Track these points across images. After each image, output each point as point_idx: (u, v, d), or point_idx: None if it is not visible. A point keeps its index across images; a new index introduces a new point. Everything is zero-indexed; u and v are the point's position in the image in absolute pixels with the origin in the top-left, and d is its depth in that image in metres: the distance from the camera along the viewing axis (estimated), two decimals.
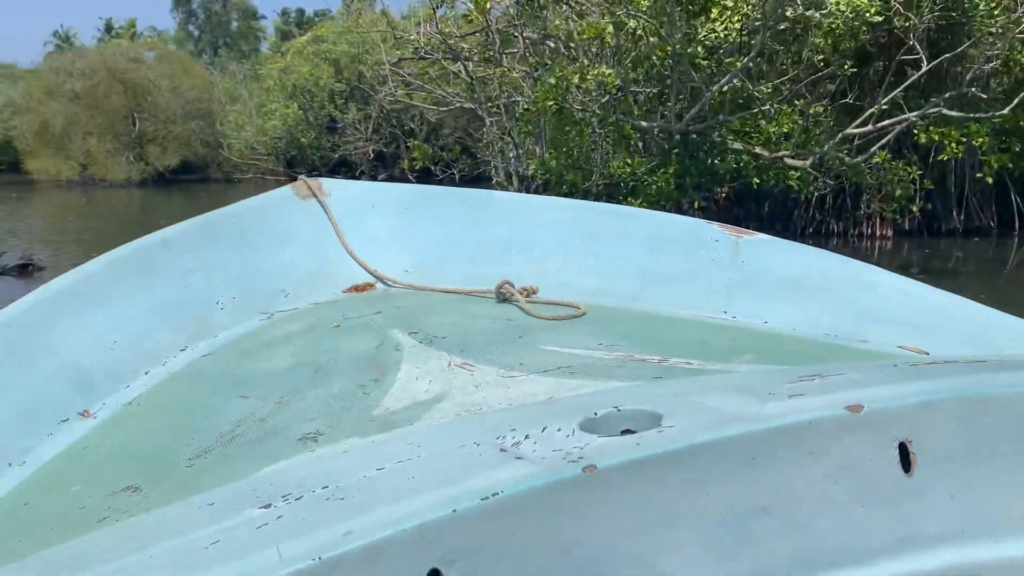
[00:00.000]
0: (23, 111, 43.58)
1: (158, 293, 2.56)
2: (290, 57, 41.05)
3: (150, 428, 2.00)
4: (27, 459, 1.81)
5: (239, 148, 41.55)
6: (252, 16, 65.57)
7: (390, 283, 3.01)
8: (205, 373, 2.32)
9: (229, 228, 2.97)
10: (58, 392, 2.06)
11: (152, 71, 40.90)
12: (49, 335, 2.17)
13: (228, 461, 1.67)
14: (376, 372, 2.07)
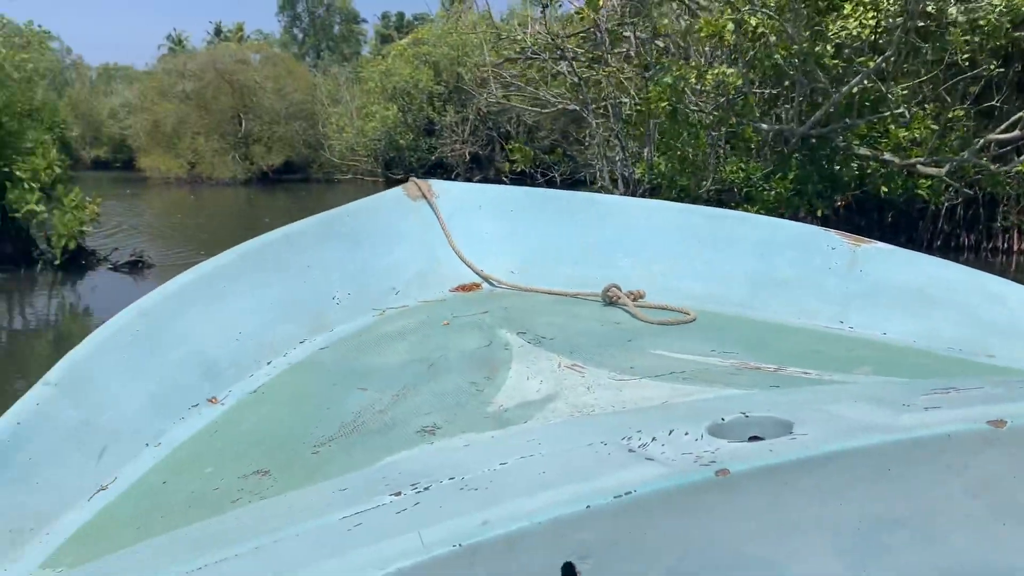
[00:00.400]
0: (137, 111, 45.29)
1: (279, 287, 2.62)
2: (391, 59, 41.38)
3: (275, 415, 2.06)
4: (162, 441, 1.90)
5: (340, 149, 42.20)
6: (354, 20, 66.77)
7: (496, 283, 3.03)
8: (324, 365, 2.37)
9: (345, 227, 3.01)
10: (188, 379, 2.13)
11: (258, 73, 41.88)
12: (180, 325, 2.24)
13: (352, 449, 1.72)
14: (487, 370, 2.11)
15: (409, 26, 61.39)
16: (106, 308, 12.13)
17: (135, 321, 2.16)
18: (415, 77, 39.77)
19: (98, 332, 2.08)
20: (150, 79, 46.33)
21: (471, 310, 2.73)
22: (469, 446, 1.61)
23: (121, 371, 2.01)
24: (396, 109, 39.90)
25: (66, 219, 12.12)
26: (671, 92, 11.59)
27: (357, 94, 43.92)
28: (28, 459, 1.66)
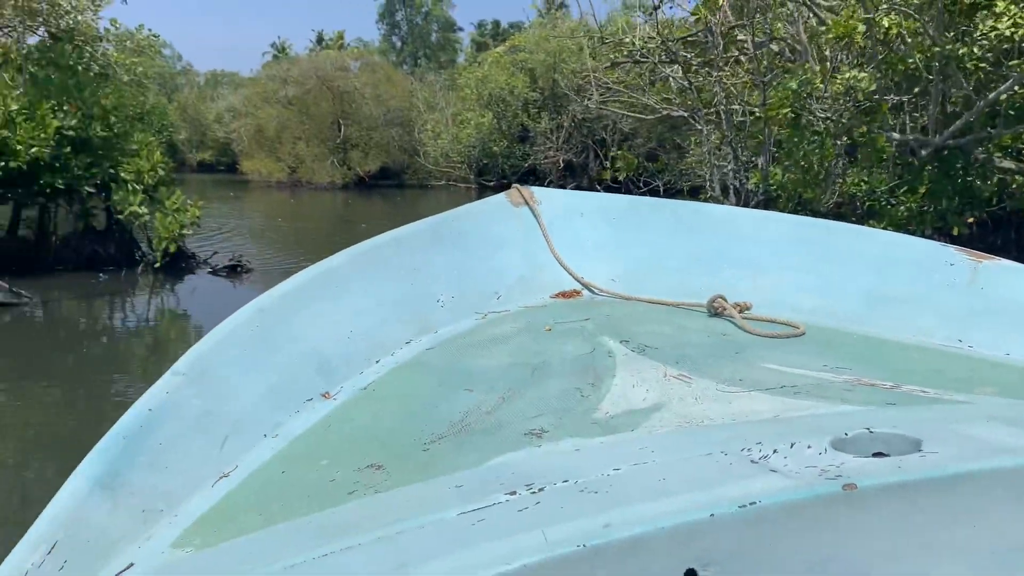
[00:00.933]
0: (242, 115, 46.35)
1: (388, 289, 2.65)
2: (487, 67, 41.13)
3: (385, 412, 2.08)
4: (279, 432, 1.93)
5: (434, 156, 42.19)
6: (450, 28, 67.10)
7: (597, 291, 3.01)
8: (430, 365, 2.39)
9: (450, 231, 3.03)
10: (303, 374, 2.16)
11: (358, 80, 42.23)
12: (296, 323, 2.28)
13: (461, 448, 1.73)
14: (592, 376, 2.10)
15: (505, 34, 61.27)
16: (204, 312, 12.01)
17: (254, 317, 2.20)
18: (511, 84, 39.41)
19: (221, 327, 2.11)
20: (254, 85, 47.38)
21: (572, 317, 2.72)
22: (579, 451, 1.62)
23: (241, 364, 2.06)
24: (491, 116, 39.59)
25: (167, 222, 12.00)
26: (794, 98, 10.68)
27: (453, 101, 43.89)
28: (159, 444, 1.70)
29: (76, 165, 12.17)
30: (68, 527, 1.37)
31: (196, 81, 65.11)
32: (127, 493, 1.55)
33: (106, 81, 16.04)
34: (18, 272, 12.35)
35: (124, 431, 1.67)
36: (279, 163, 40.48)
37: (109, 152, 12.58)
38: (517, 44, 42.29)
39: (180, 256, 13.04)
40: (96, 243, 12.79)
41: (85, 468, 1.54)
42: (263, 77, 47.62)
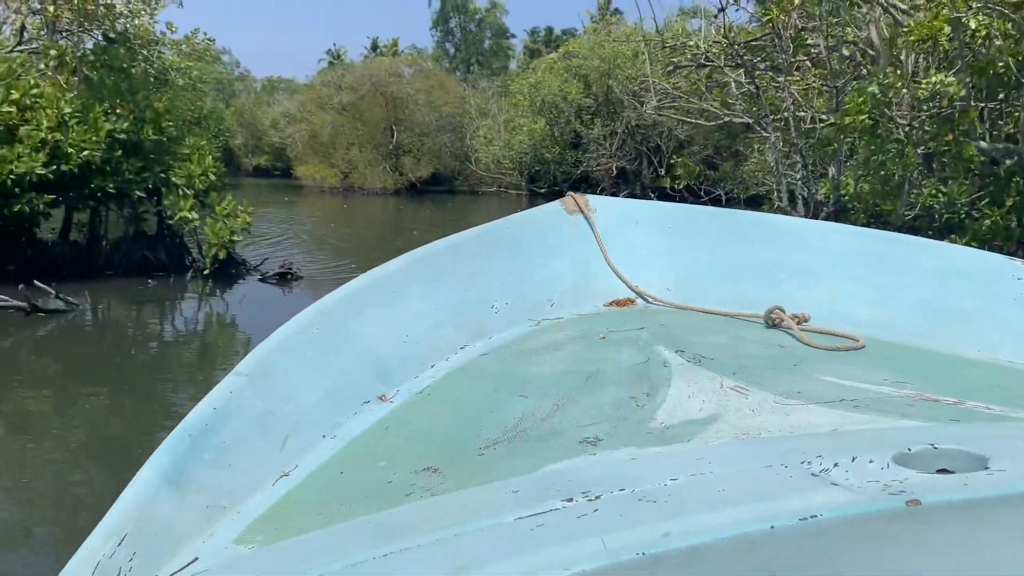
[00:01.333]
0: (296, 121, 46.59)
1: (444, 294, 2.64)
2: (541, 73, 40.63)
3: (442, 416, 2.09)
4: (337, 433, 1.95)
5: (486, 162, 41.84)
6: (503, 35, 66.80)
7: (651, 300, 3.00)
8: (485, 371, 2.39)
9: (505, 238, 3.02)
10: (361, 377, 2.17)
11: (411, 86, 42.07)
12: (354, 326, 2.29)
13: (517, 454, 1.73)
14: (647, 386, 2.08)
15: (558, 40, 60.81)
16: (252, 320, 11.69)
17: (315, 320, 2.20)
18: (564, 90, 38.85)
19: (282, 329, 2.12)
20: (309, 91, 47.61)
21: (626, 325, 2.71)
22: (635, 460, 1.62)
23: (302, 366, 2.07)
24: (544, 122, 39.07)
25: (217, 228, 11.71)
26: (873, 103, 9.94)
27: (505, 107, 43.52)
28: (222, 442, 1.72)
29: (127, 169, 11.95)
30: (137, 520, 1.40)
31: (253, 87, 65.85)
32: (192, 489, 1.57)
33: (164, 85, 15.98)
34: (68, 276, 12.20)
35: (190, 429, 1.69)
36: (332, 168, 40.51)
37: (161, 156, 12.34)
38: (571, 50, 41.72)
39: (230, 262, 12.75)
40: (146, 248, 12.56)
41: (153, 463, 1.56)
42: (318, 83, 47.85)
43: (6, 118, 11.08)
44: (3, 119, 11.06)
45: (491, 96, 47.23)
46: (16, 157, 10.83)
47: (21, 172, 10.79)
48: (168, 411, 7.52)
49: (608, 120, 39.66)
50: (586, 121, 39.53)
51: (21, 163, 10.80)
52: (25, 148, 10.96)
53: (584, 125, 39.51)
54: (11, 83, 11.21)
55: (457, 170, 44.01)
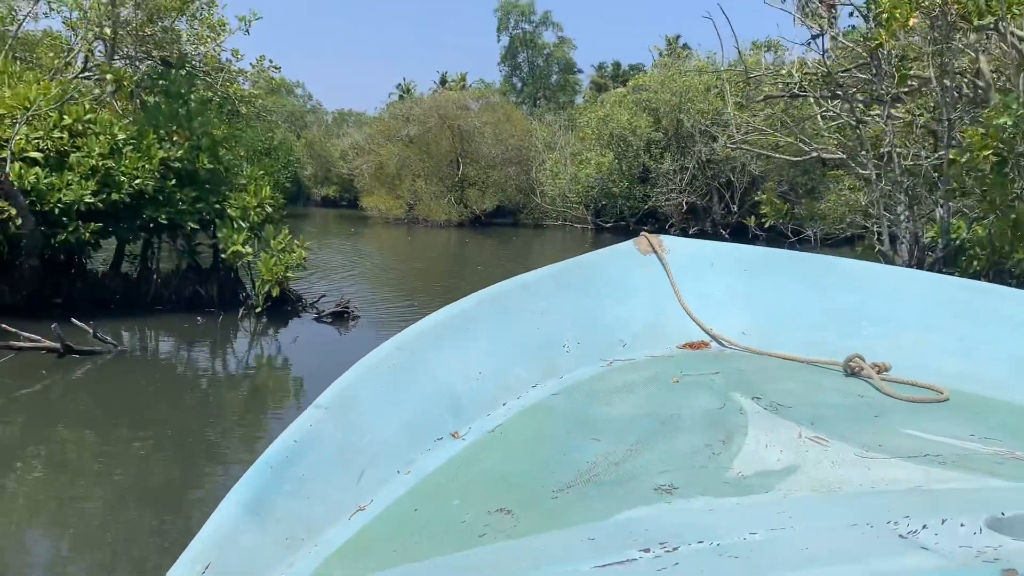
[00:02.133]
0: (364, 152, 46.48)
1: (516, 332, 2.62)
2: (609, 106, 39.65)
3: (514, 456, 2.06)
4: (412, 469, 1.94)
5: (551, 195, 40.93)
6: (570, 70, 66.25)
7: (725, 344, 2.88)
8: (557, 411, 2.35)
9: (577, 277, 2.97)
10: (435, 413, 2.17)
11: (478, 118, 41.52)
12: (430, 361, 2.28)
13: (590, 498, 1.71)
14: (723, 433, 2.03)
15: (625, 75, 59.94)
16: (304, 362, 10.81)
17: (393, 354, 2.20)
18: (633, 123, 37.77)
19: (362, 361, 2.11)
20: (377, 123, 47.50)
21: (700, 369, 2.62)
22: (713, 511, 1.57)
23: (379, 399, 2.07)
24: (612, 156, 37.99)
25: (271, 263, 10.85)
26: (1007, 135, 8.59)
27: (571, 141, 42.65)
28: (302, 474, 1.73)
29: (181, 199, 11.22)
30: (220, 549, 1.41)
31: (324, 119, 66.54)
32: (273, 520, 1.57)
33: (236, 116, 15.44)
34: (117, 310, 11.52)
35: (271, 460, 1.69)
36: (398, 200, 40.05)
37: (216, 186, 11.61)
38: (641, 84, 40.68)
39: (285, 299, 11.90)
40: (198, 282, 11.80)
41: (236, 494, 1.56)
42: (386, 116, 47.73)
43: (57, 144, 10.46)
44: (54, 145, 10.44)
45: (557, 130, 46.46)
46: (65, 185, 10.17)
47: (70, 201, 10.12)
48: (214, 456, 6.98)
49: (678, 155, 38.39)
50: (655, 155, 38.34)
51: (70, 191, 10.13)
52: (75, 175, 10.31)
53: (653, 159, 38.32)
54: (64, 107, 10.60)
55: (522, 203, 43.18)
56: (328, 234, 32.58)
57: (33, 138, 10.28)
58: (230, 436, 7.75)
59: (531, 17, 63.81)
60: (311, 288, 15.40)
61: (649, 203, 38.69)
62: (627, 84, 44.66)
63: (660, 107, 38.45)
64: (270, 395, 9.58)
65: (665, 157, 38.11)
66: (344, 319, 11.86)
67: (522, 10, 63.17)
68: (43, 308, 11.03)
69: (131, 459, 6.65)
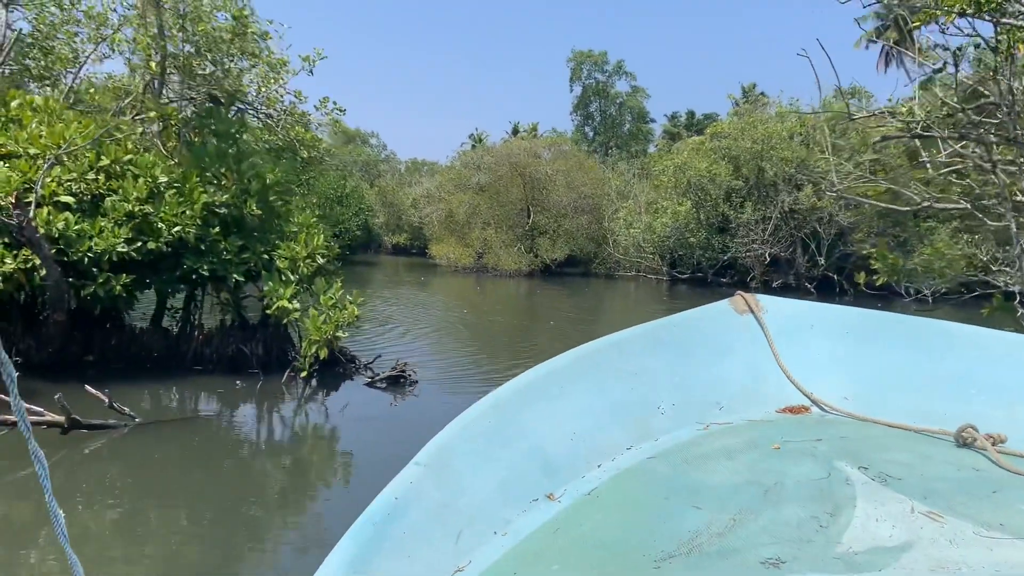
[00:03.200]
0: (434, 200, 45.76)
1: (608, 393, 2.56)
2: (687, 153, 37.98)
3: (611, 521, 2.01)
4: (508, 531, 1.92)
5: (625, 245, 39.26)
6: (643, 119, 65.03)
7: (827, 409, 2.74)
8: (653, 475, 2.27)
9: (671, 336, 2.87)
10: (530, 473, 2.13)
11: (549, 166, 40.35)
12: (524, 420, 2.25)
13: (694, 569, 1.65)
14: (829, 505, 1.93)
15: (699, 124, 58.41)
16: (352, 436, 9.36)
17: (488, 413, 2.18)
18: (712, 171, 36.00)
19: (458, 419, 2.10)
20: (448, 171, 46.83)
21: (802, 436, 2.47)
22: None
23: (475, 458, 2.04)
24: (689, 204, 36.21)
25: (319, 322, 9.51)
26: None
27: (646, 189, 41.08)
28: (402, 533, 1.72)
29: (225, 248, 10.03)
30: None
31: (398, 168, 66.57)
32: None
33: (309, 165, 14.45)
34: (154, 370, 10.34)
35: (373, 517, 1.70)
36: (467, 248, 38.92)
37: (265, 234, 10.40)
38: (719, 131, 38.96)
39: (335, 360, 10.55)
40: (243, 340, 10.54)
41: (340, 551, 1.57)
42: (457, 164, 47.02)
43: (92, 187, 9.40)
44: (88, 188, 9.38)
45: (631, 178, 44.92)
46: (97, 232, 9.07)
47: (100, 250, 9.00)
48: (255, 535, 6.25)
49: (760, 204, 36.42)
50: (735, 204, 36.42)
51: (101, 239, 9.02)
52: (109, 222, 9.21)
53: (733, 208, 36.39)
54: (102, 147, 9.56)
55: (593, 253, 41.64)
56: (397, 283, 31.56)
57: (66, 180, 9.24)
58: (272, 514, 6.67)
59: (604, 67, 63.00)
60: (370, 344, 14.06)
61: (728, 254, 36.70)
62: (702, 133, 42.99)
63: (740, 154, 36.63)
64: (314, 471, 8.21)
65: (746, 206, 36.13)
66: (400, 384, 10.42)
67: (595, 60, 62.42)
68: (73, 366, 9.93)
69: (162, 537, 5.91)
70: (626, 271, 40.32)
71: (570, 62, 62.72)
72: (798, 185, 34.99)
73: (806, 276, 35.97)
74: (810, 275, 35.73)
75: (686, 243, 36.85)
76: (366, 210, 41.41)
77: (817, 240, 35.20)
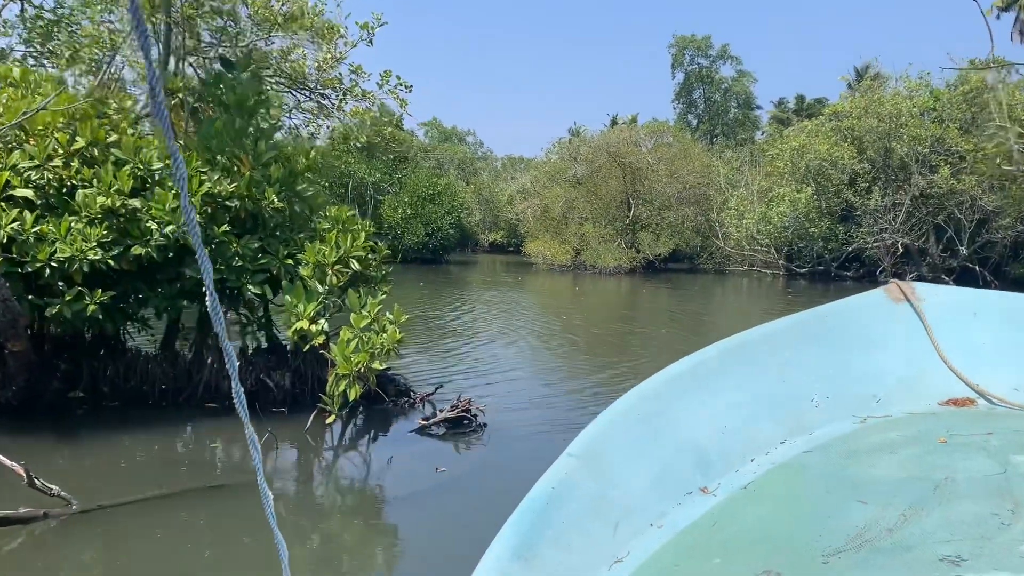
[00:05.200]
0: (529, 195, 43.12)
1: (758, 384, 2.49)
2: (805, 135, 33.94)
3: (772, 516, 1.97)
4: (664, 523, 1.91)
5: (737, 237, 35.59)
6: (749, 106, 60.62)
7: (996, 401, 2.55)
8: (812, 469, 2.20)
9: (822, 328, 2.75)
10: (682, 466, 2.10)
11: (651, 155, 36.98)
12: (673, 412, 2.22)
13: (866, 566, 1.60)
14: (1010, 502, 1.81)
15: (810, 109, 53.62)
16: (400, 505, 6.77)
17: (637, 404, 2.16)
18: (833, 154, 31.94)
19: (608, 411, 2.08)
20: (543, 164, 44.05)
21: (970, 429, 2.32)
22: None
23: (626, 450, 2.04)
24: (810, 191, 32.21)
25: (350, 349, 6.92)
26: None
27: (758, 177, 37.24)
28: (561, 522, 1.73)
29: (237, 252, 7.60)
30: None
31: (494, 166, 64.36)
32: (539, 566, 1.57)
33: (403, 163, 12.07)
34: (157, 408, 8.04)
35: (532, 506, 1.71)
36: (563, 245, 35.99)
37: (289, 233, 7.94)
38: (839, 110, 34.69)
39: (383, 391, 8.00)
40: (262, 369, 8.10)
41: (503, 537, 1.60)
42: (553, 155, 44.14)
43: (63, 176, 7.14)
44: (57, 179, 7.12)
45: (738, 166, 41.05)
46: (63, 234, 6.79)
47: (66, 257, 6.71)
48: None
49: (887, 188, 32.14)
50: (860, 190, 32.25)
51: (67, 244, 6.73)
52: (79, 221, 6.91)
53: (858, 194, 32.23)
54: (77, 127, 7.29)
55: (700, 246, 38.06)
56: (488, 284, 29.03)
57: (25, 169, 6.99)
58: None
59: (708, 51, 58.90)
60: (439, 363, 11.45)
61: (852, 245, 32.54)
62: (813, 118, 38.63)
63: (864, 135, 32.41)
64: (346, 555, 5.69)
65: (873, 191, 31.90)
66: (464, 427, 7.75)
67: (698, 45, 58.39)
68: (56, 406, 7.76)
69: None
70: (737, 265, 36.60)
71: (671, 48, 58.92)
72: (932, 166, 30.64)
73: (942, 267, 31.47)
74: (946, 266, 31.22)
75: (806, 233, 32.85)
76: (459, 208, 39.06)
77: (955, 227, 30.66)
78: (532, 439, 7.69)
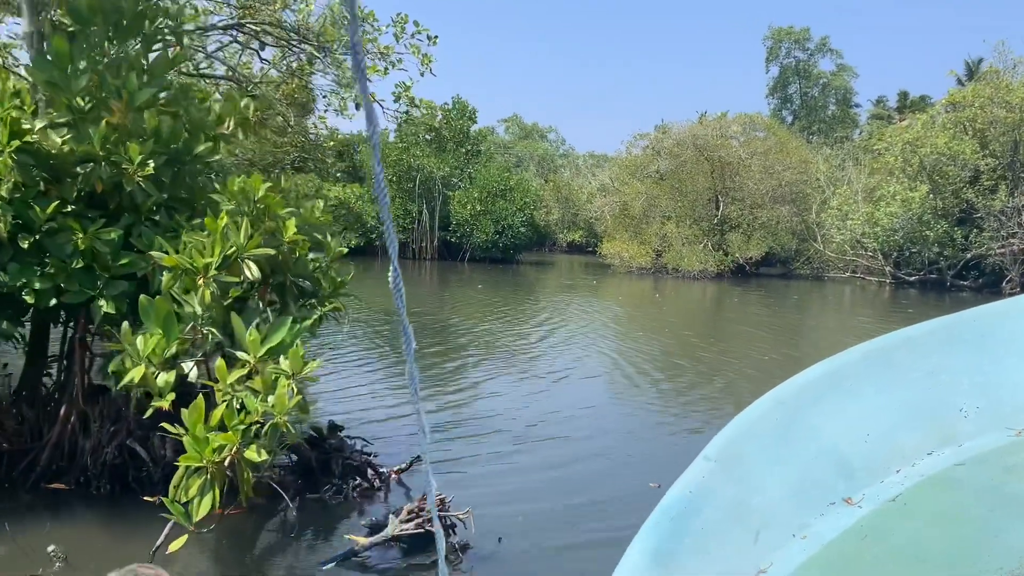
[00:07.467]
0: (608, 193, 39.46)
1: (901, 391, 2.26)
2: (920, 126, 29.22)
3: (926, 534, 1.81)
4: (808, 534, 1.78)
5: (839, 240, 31.12)
6: (848, 103, 55.20)
7: None
8: (966, 484, 2.00)
9: (970, 333, 2.48)
10: (823, 474, 1.97)
11: (743, 148, 32.78)
12: (812, 418, 2.07)
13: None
14: None
15: (914, 106, 48.06)
16: None
17: (773, 409, 2.02)
18: (953, 148, 27.25)
19: (743, 415, 1.96)
20: (625, 159, 40.25)
21: None
22: None
23: (764, 456, 1.91)
24: (926, 189, 27.55)
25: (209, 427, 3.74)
26: None
27: (862, 176, 32.64)
28: (699, 528, 1.62)
29: (80, 248, 4.55)
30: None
31: (575, 163, 60.85)
32: (678, 573, 1.48)
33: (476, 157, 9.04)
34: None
35: (669, 511, 1.62)
36: (643, 247, 32.18)
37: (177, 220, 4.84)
38: (958, 99, 29.80)
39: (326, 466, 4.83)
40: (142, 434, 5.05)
41: (640, 542, 1.51)
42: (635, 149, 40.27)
43: None
44: None
45: (839, 163, 36.40)
46: None
47: None
48: None
49: (1015, 187, 27.20)
50: (983, 189, 27.43)
51: None
52: None
53: (980, 194, 27.42)
54: None
55: (795, 250, 33.66)
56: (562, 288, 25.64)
57: None
58: None
59: (806, 44, 53.79)
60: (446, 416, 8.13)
61: (972, 251, 27.77)
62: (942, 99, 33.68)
63: (987, 127, 27.58)
64: None
65: (998, 190, 27.03)
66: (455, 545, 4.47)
67: (796, 37, 53.32)
68: None
69: None
70: (838, 271, 32.10)
71: (767, 40, 54.04)
72: None
73: None
74: None
75: (919, 237, 28.16)
76: (532, 204, 35.68)
77: None
78: (543, 552, 4.34)
